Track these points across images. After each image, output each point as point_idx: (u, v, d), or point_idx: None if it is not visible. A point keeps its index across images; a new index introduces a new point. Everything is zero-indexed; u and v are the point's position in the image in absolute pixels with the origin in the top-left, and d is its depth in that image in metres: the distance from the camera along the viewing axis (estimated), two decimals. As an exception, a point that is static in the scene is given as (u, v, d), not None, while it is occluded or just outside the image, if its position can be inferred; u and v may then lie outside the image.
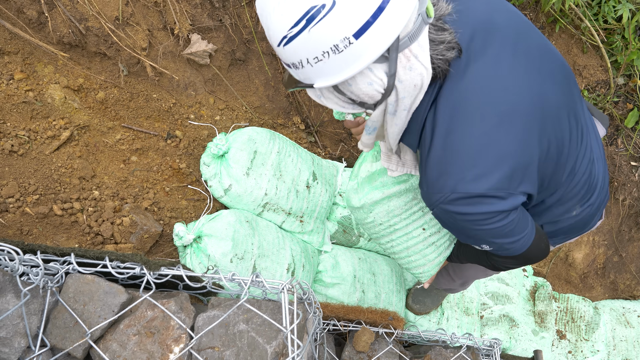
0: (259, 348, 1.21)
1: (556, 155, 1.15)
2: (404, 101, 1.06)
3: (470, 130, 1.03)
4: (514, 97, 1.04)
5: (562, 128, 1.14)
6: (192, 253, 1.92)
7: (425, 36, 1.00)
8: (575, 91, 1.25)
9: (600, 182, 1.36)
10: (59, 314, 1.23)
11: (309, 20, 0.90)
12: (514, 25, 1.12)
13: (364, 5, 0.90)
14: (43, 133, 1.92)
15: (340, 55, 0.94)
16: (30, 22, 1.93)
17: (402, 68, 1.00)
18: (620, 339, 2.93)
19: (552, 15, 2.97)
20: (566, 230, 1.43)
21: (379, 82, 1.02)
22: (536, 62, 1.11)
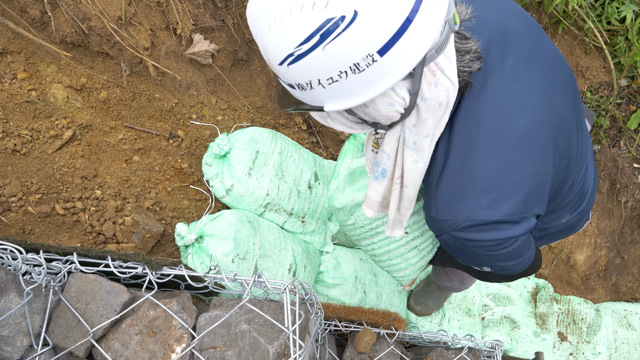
0: (261, 348, 1.21)
1: (564, 171, 1.10)
2: (426, 124, 0.92)
3: (488, 154, 0.94)
4: (532, 116, 0.97)
5: (570, 143, 1.09)
6: (193, 253, 1.92)
7: (452, 46, 0.88)
8: (579, 99, 1.22)
9: (591, 188, 1.34)
10: (61, 313, 1.23)
11: (324, 35, 0.75)
12: (528, 33, 1.04)
13: (391, 17, 0.75)
14: (45, 132, 1.93)
15: (361, 75, 0.80)
16: (33, 21, 1.94)
17: (426, 84, 0.88)
18: (621, 342, 2.93)
19: (555, 16, 2.97)
20: (554, 235, 1.42)
21: (400, 101, 0.88)
22: (549, 74, 1.04)
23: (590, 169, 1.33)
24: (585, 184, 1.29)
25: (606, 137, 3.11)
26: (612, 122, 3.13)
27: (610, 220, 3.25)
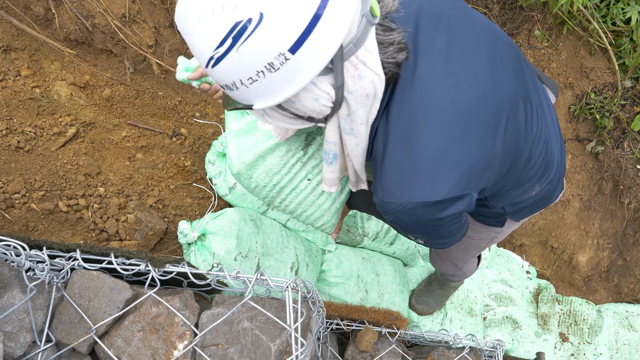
0: (263, 346, 1.21)
1: (513, 145, 1.10)
2: (358, 113, 0.96)
3: (426, 136, 0.96)
4: (467, 94, 0.97)
5: (517, 117, 1.08)
6: (196, 251, 1.93)
7: (373, 39, 0.90)
8: (525, 70, 1.19)
9: (557, 157, 1.33)
10: (64, 309, 1.23)
11: (235, 38, 0.78)
12: (456, 13, 1.04)
13: (298, 15, 0.77)
14: (49, 129, 1.93)
15: (277, 74, 0.83)
16: (37, 18, 1.94)
17: (350, 78, 0.90)
18: (623, 343, 2.92)
19: (560, 16, 2.96)
20: (529, 208, 1.43)
21: (325, 96, 0.92)
22: (485, 50, 1.03)
23: (553, 137, 1.31)
24: (548, 154, 1.29)
25: (610, 138, 3.10)
26: (616, 123, 3.12)
27: (613, 221, 3.24)
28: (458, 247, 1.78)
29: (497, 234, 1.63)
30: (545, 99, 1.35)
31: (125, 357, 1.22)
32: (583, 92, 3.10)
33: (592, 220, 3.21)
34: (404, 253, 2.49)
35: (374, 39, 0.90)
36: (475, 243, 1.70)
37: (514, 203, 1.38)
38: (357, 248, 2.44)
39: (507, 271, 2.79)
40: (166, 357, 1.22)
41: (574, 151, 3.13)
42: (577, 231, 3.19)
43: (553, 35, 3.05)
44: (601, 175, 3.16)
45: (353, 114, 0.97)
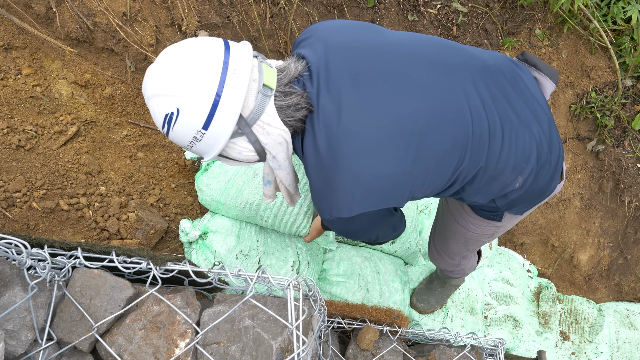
0: (265, 344, 1.21)
1: (434, 162, 1.21)
2: (279, 156, 1.21)
3: (335, 165, 1.14)
4: (369, 127, 1.14)
5: (437, 129, 1.19)
6: (197, 249, 1.93)
7: (272, 106, 1.14)
8: (461, 72, 1.26)
9: (539, 145, 1.34)
10: (65, 307, 1.23)
11: (168, 123, 1.10)
12: (362, 51, 1.20)
13: (201, 107, 1.07)
14: (50, 128, 1.93)
15: (202, 142, 1.13)
16: (38, 17, 1.94)
17: (261, 135, 1.16)
18: (624, 341, 2.92)
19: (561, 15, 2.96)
20: (522, 199, 1.44)
21: (245, 150, 1.19)
22: (390, 81, 1.18)
23: (532, 125, 1.33)
24: (520, 144, 1.31)
25: (610, 137, 3.10)
26: (616, 122, 3.12)
27: (613, 220, 3.24)
28: (458, 241, 1.78)
29: (498, 228, 1.63)
30: (526, 88, 1.36)
31: (126, 355, 1.22)
32: (584, 91, 3.10)
33: (592, 219, 3.21)
34: (405, 252, 2.49)
35: (272, 105, 1.14)
36: (475, 237, 1.70)
37: (502, 196, 1.40)
38: (358, 247, 2.43)
39: (508, 270, 2.79)
40: (168, 355, 1.22)
41: (574, 150, 3.13)
42: (578, 230, 3.19)
43: (554, 34, 3.05)
44: (602, 174, 3.16)
45: (276, 157, 1.22)
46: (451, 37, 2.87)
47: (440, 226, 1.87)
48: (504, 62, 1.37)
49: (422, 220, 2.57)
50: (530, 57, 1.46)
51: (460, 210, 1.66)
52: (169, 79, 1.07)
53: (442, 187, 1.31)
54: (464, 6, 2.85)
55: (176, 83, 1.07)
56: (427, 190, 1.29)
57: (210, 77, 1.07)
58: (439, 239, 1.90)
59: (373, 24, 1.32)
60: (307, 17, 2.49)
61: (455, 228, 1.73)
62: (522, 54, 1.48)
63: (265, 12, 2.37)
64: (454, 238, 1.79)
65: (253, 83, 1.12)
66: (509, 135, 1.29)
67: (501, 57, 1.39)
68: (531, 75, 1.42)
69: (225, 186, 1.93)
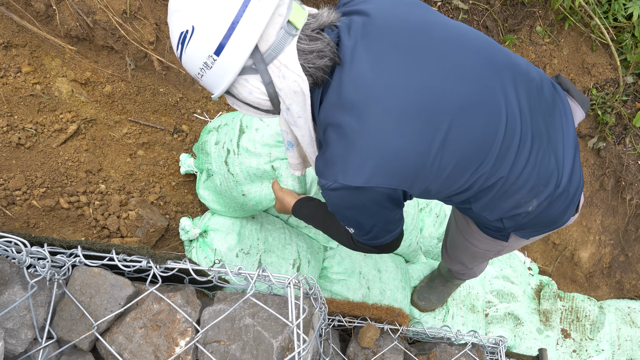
0: (265, 342, 1.21)
1: (462, 152, 1.14)
2: (293, 108, 1.13)
3: (355, 127, 1.08)
4: (401, 94, 1.08)
5: (469, 123, 1.13)
6: (197, 247, 1.93)
7: (293, 47, 1.08)
8: (503, 76, 1.20)
9: (561, 173, 1.29)
10: (65, 306, 1.23)
11: (182, 43, 1.06)
12: (410, 23, 1.15)
13: (217, 28, 1.02)
14: (50, 126, 1.93)
15: (212, 71, 1.07)
16: (38, 14, 1.93)
17: (276, 77, 1.09)
18: (625, 339, 2.92)
19: (562, 12, 2.95)
20: (531, 225, 1.39)
21: (257, 90, 1.11)
22: (434, 57, 1.12)
23: (557, 151, 1.29)
24: (544, 167, 1.26)
25: (611, 134, 3.09)
26: (617, 119, 3.11)
27: (614, 217, 3.24)
28: (465, 253, 1.77)
29: (504, 247, 1.60)
30: (557, 111, 1.31)
31: (126, 354, 1.21)
32: (585, 88, 3.09)
33: (594, 217, 3.21)
34: (406, 250, 2.48)
35: (294, 46, 1.08)
36: (481, 252, 1.68)
37: (510, 217, 1.34)
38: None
39: (509, 268, 2.79)
40: (168, 353, 1.22)
41: (575, 147, 3.12)
42: (579, 227, 3.19)
43: (555, 31, 3.04)
44: (603, 171, 3.16)
45: (290, 108, 1.14)
46: (452, 34, 2.86)
47: (451, 236, 1.86)
48: (545, 79, 1.32)
49: (423, 218, 2.56)
50: (565, 81, 1.42)
51: (465, 226, 1.63)
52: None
53: (457, 188, 1.23)
54: (464, 3, 2.84)
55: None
56: (442, 187, 1.21)
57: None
58: (451, 247, 1.90)
59: (428, 6, 1.25)
60: (308, 14, 2.48)
61: (462, 242, 1.72)
62: (557, 77, 1.43)
63: (266, 9, 2.36)
64: (462, 250, 1.78)
65: (278, 17, 1.06)
66: (536, 152, 1.23)
67: (544, 74, 1.33)
68: (567, 99, 1.37)
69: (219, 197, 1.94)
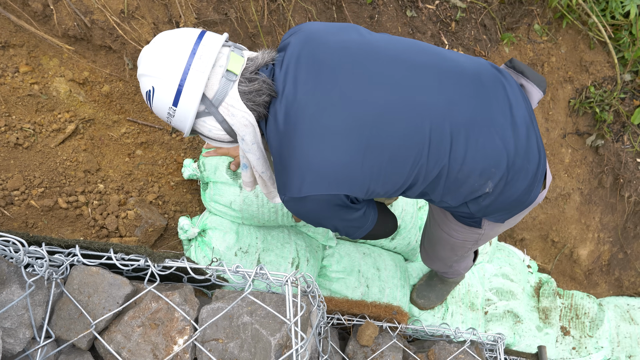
0: (263, 340, 1.21)
1: (387, 157, 1.25)
2: (247, 138, 1.30)
3: (292, 148, 1.23)
4: (329, 115, 1.21)
5: (393, 124, 1.24)
6: (196, 246, 1.93)
7: (235, 90, 1.24)
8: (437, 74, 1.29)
9: (508, 153, 1.32)
10: (63, 305, 1.23)
11: (148, 99, 1.26)
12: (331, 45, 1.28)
13: (170, 86, 1.21)
14: (48, 126, 1.93)
15: (175, 118, 1.26)
16: (36, 14, 1.93)
17: (227, 116, 1.26)
18: (624, 336, 2.92)
19: (560, 10, 2.95)
20: (497, 207, 1.43)
21: (215, 128, 1.29)
22: (352, 72, 1.24)
23: (505, 132, 1.31)
24: (494, 149, 1.29)
25: (610, 132, 3.10)
26: (615, 116, 3.11)
27: (613, 215, 3.24)
28: (444, 247, 1.79)
29: (480, 235, 1.62)
30: (502, 94, 1.34)
31: (125, 353, 1.22)
32: (583, 86, 3.10)
33: (592, 214, 3.21)
34: (405, 248, 2.49)
35: (236, 90, 1.25)
36: (460, 243, 1.70)
37: (473, 200, 1.39)
38: (357, 243, 2.43)
39: (508, 265, 2.79)
40: (166, 352, 1.22)
41: (573, 145, 3.13)
42: (578, 225, 3.19)
43: (552, 29, 3.04)
44: (601, 169, 3.16)
45: (244, 138, 1.30)
46: (450, 32, 2.86)
47: (428, 232, 1.88)
48: (483, 68, 1.37)
49: (422, 216, 2.57)
50: (518, 64, 1.47)
51: (442, 217, 1.67)
52: (149, 61, 1.23)
53: (403, 183, 1.31)
54: (462, 2, 2.84)
55: (153, 65, 1.22)
56: (387, 186, 1.31)
57: (179, 60, 1.20)
58: (428, 244, 1.91)
59: (358, 26, 1.39)
60: (305, 13, 2.48)
61: (440, 235, 1.74)
62: (510, 60, 1.50)
63: (264, 8, 2.36)
64: (440, 244, 1.80)
65: (219, 69, 1.23)
66: (475, 137, 1.28)
67: (483, 63, 1.39)
68: (515, 82, 1.41)
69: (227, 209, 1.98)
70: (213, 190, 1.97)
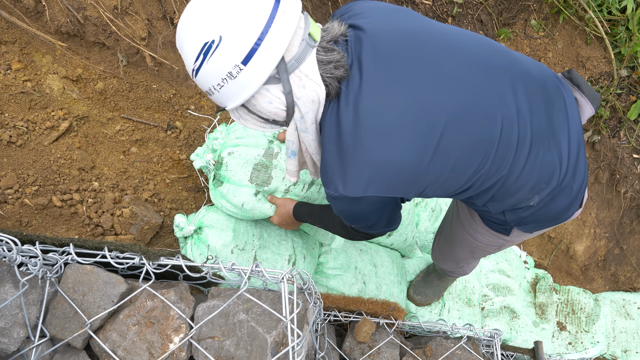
0: (259, 337, 1.21)
1: (453, 161, 1.18)
2: (308, 116, 1.18)
3: (354, 141, 1.13)
4: (395, 110, 1.12)
5: (463, 129, 1.16)
6: (192, 244, 1.92)
7: (313, 57, 1.12)
8: (503, 77, 1.22)
9: (561, 169, 1.29)
10: (58, 304, 1.22)
11: (205, 54, 1.06)
12: (402, 35, 1.18)
13: (247, 37, 1.04)
14: (42, 124, 1.91)
15: (236, 81, 1.09)
16: (27, 10, 1.91)
17: (296, 87, 1.13)
18: (620, 331, 2.94)
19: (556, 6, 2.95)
20: (533, 219, 1.40)
21: (277, 100, 1.14)
22: (426, 68, 1.15)
23: (561, 146, 1.29)
24: (550, 164, 1.26)
25: (606, 127, 3.10)
26: (612, 112, 3.12)
27: (609, 210, 3.24)
28: (464, 248, 1.77)
29: (505, 242, 1.61)
30: (562, 107, 1.31)
31: (120, 351, 1.21)
32: (579, 82, 3.09)
33: (589, 210, 3.21)
34: (402, 244, 2.48)
35: (314, 57, 1.12)
36: (482, 247, 1.68)
37: (512, 211, 1.37)
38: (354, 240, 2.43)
39: (504, 261, 2.80)
40: (162, 350, 1.21)
41: (570, 141, 3.13)
42: (574, 221, 3.19)
43: (549, 24, 3.04)
44: (598, 164, 3.16)
45: (305, 117, 1.18)
46: (446, 28, 2.85)
47: (447, 231, 1.85)
48: (548, 76, 1.32)
49: (419, 212, 2.56)
50: (576, 76, 1.41)
51: (469, 219, 1.64)
52: (219, 4, 1.05)
53: (457, 189, 1.26)
54: (458, -3, 2.83)
55: (225, 8, 1.04)
56: (440, 190, 1.25)
57: (262, 9, 1.04)
58: (445, 243, 1.89)
59: (412, 10, 1.30)
60: (301, 9, 2.46)
61: (463, 236, 1.71)
62: (569, 71, 1.43)
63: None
64: (461, 245, 1.77)
65: (299, 30, 1.11)
66: (536, 150, 1.24)
67: (547, 70, 1.34)
68: (572, 95, 1.37)
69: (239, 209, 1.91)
70: (227, 189, 1.86)
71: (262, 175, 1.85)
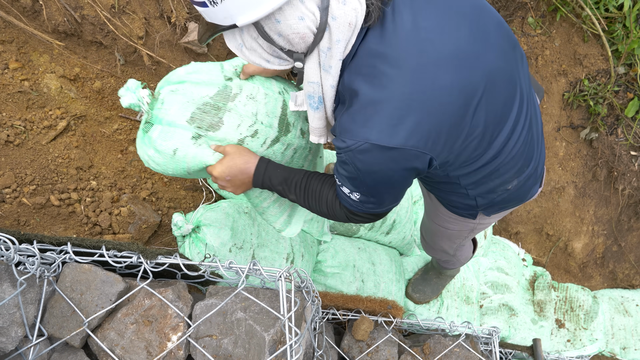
0: (257, 336, 1.21)
1: (484, 120, 1.06)
2: (338, 46, 0.95)
3: (392, 81, 0.95)
4: (440, 49, 0.97)
5: (495, 93, 1.06)
6: (190, 243, 1.92)
7: None
8: (516, 55, 1.17)
9: (535, 154, 1.30)
10: (56, 303, 1.22)
11: None
12: None
13: None
14: (39, 123, 1.91)
15: None
16: (25, 10, 1.91)
17: (335, 2, 0.91)
18: (618, 328, 2.94)
19: (554, 3, 2.95)
20: (501, 203, 1.39)
21: (310, 16, 0.91)
22: (466, 20, 1.03)
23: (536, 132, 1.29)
24: (528, 146, 1.25)
25: (604, 124, 3.10)
26: (609, 109, 3.12)
27: (607, 208, 3.25)
28: (441, 238, 1.80)
29: (476, 225, 1.62)
30: (533, 94, 1.32)
31: (118, 350, 1.21)
32: (577, 79, 3.10)
33: (587, 207, 3.22)
34: (400, 242, 2.49)
35: None
36: (456, 233, 1.71)
37: (488, 193, 1.33)
38: (352, 238, 2.43)
39: (503, 259, 2.80)
40: (160, 348, 1.21)
41: (568, 138, 3.13)
42: (572, 218, 3.20)
43: (546, 22, 3.04)
44: (595, 162, 3.16)
45: (334, 47, 0.96)
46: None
47: (425, 224, 1.89)
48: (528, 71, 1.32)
49: (417, 210, 2.57)
50: None
51: (433, 210, 1.66)
52: None
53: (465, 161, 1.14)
54: (456, -5, 2.83)
55: None
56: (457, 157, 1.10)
57: None
58: (428, 235, 1.92)
59: None
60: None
61: (435, 227, 1.74)
62: None
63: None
64: (438, 236, 1.80)
65: None
66: (526, 131, 1.22)
67: None
68: None
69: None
70: (157, 132, 1.30)
71: (209, 117, 1.29)
